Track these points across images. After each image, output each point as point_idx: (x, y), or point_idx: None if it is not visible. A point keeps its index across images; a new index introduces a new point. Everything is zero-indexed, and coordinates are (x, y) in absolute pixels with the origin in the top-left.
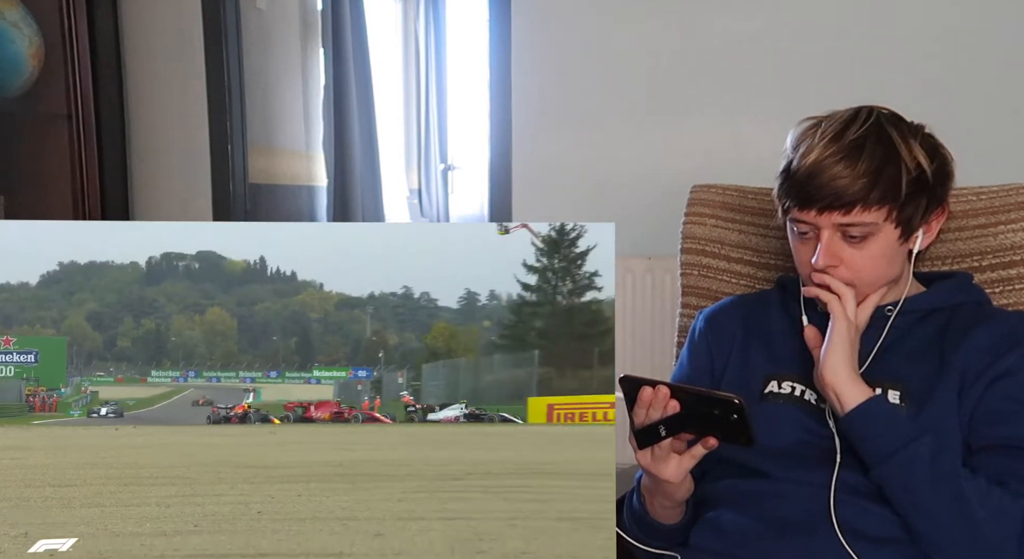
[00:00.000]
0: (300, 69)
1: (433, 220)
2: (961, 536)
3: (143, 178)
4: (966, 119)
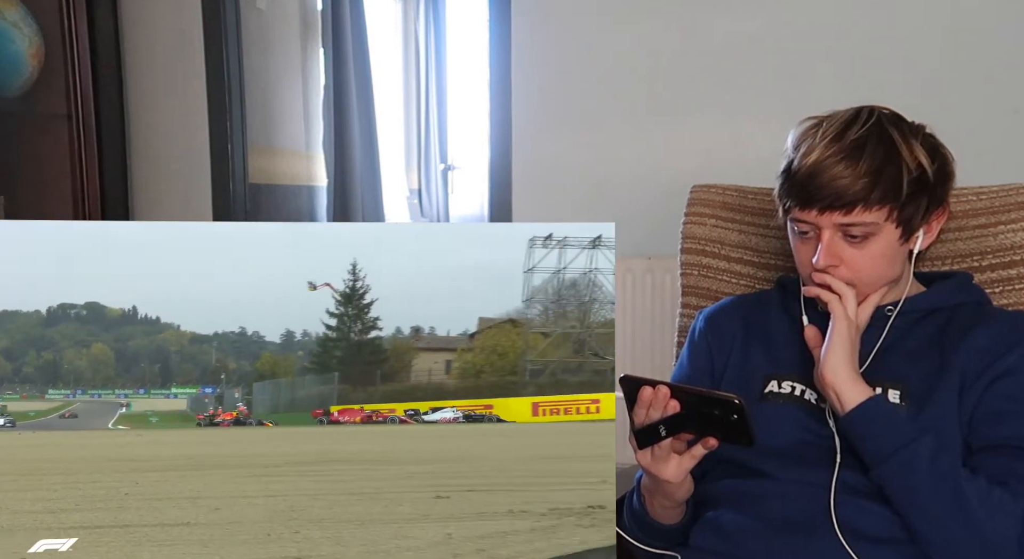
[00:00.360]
0: (300, 69)
1: (433, 220)
2: (961, 536)
3: (143, 178)
4: (966, 119)
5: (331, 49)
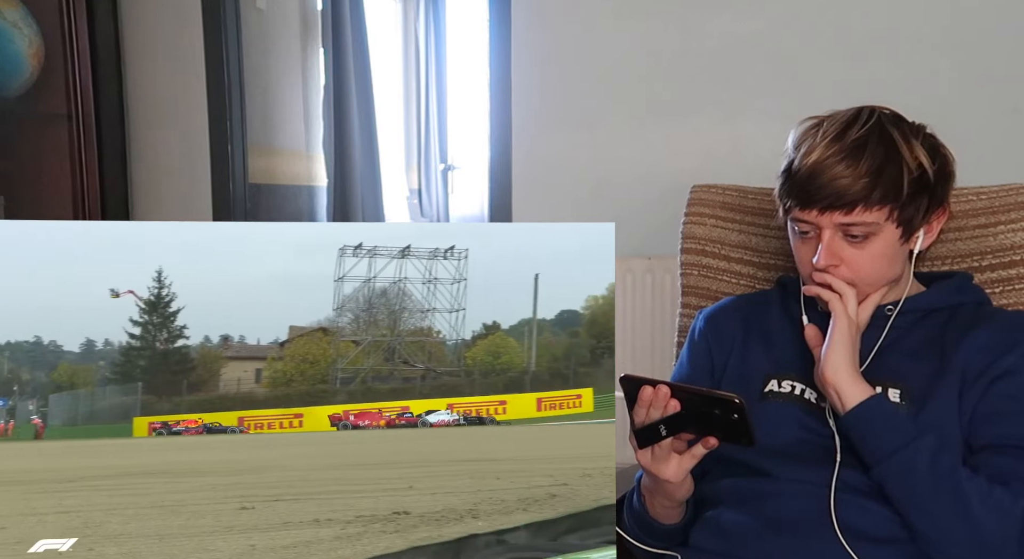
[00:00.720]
0: (300, 69)
1: (433, 220)
2: (961, 535)
3: (143, 178)
4: (966, 119)
5: (331, 49)
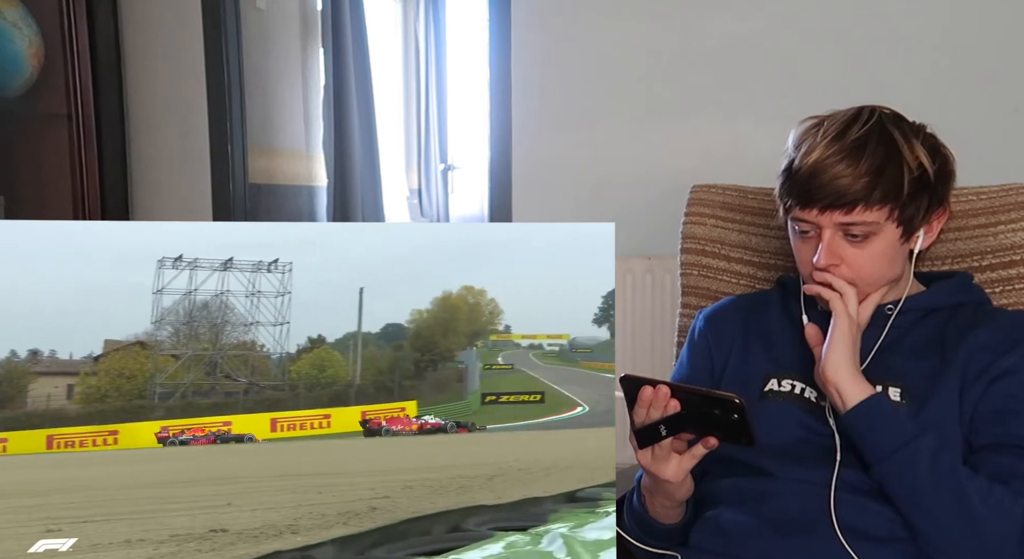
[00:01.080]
0: (300, 69)
1: (434, 220)
2: (962, 534)
3: (143, 178)
4: (966, 119)
5: (331, 49)
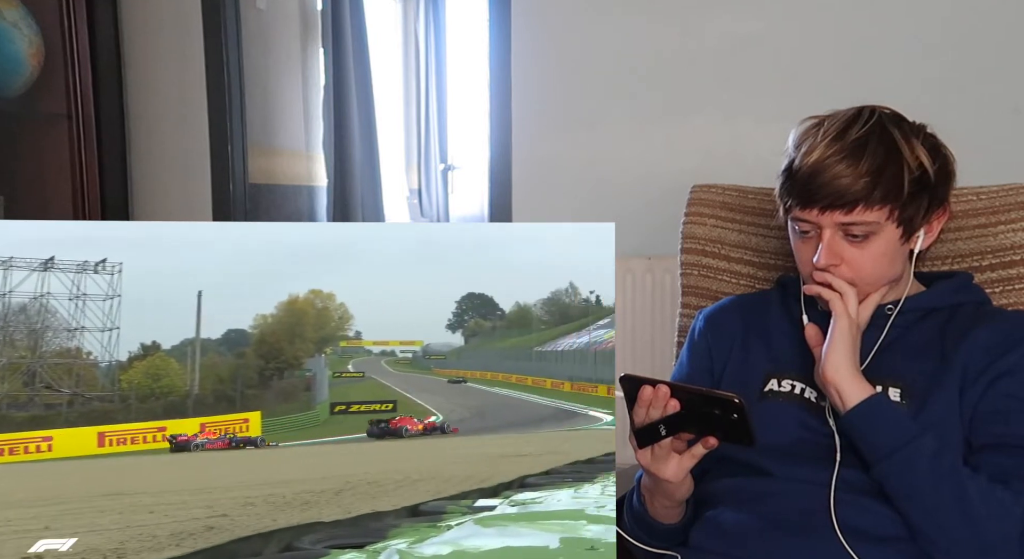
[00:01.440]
0: (300, 69)
1: (433, 220)
2: (962, 534)
3: (143, 178)
4: (966, 119)
5: (331, 49)
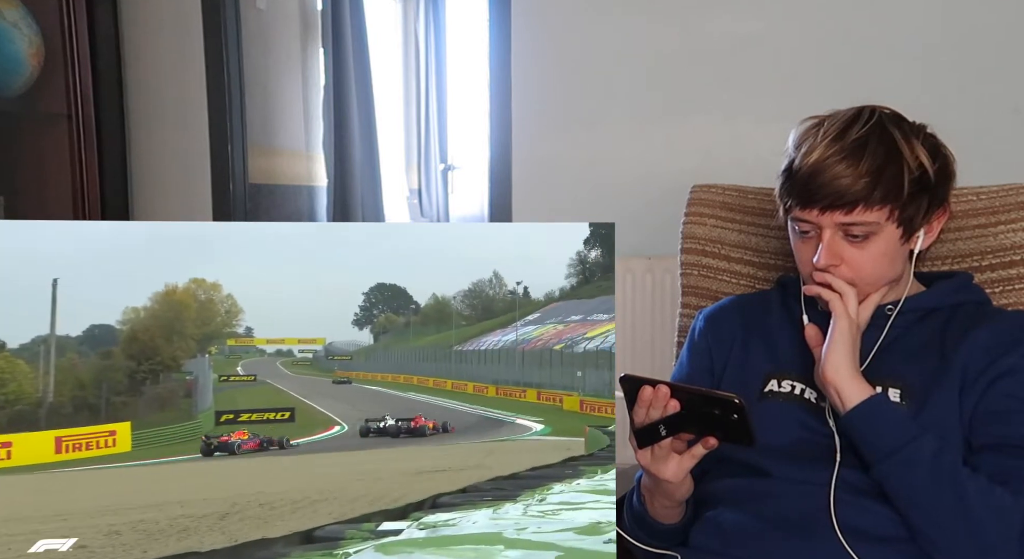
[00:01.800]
0: (300, 69)
1: (433, 220)
2: (962, 534)
3: (143, 178)
4: (966, 119)
5: (331, 49)
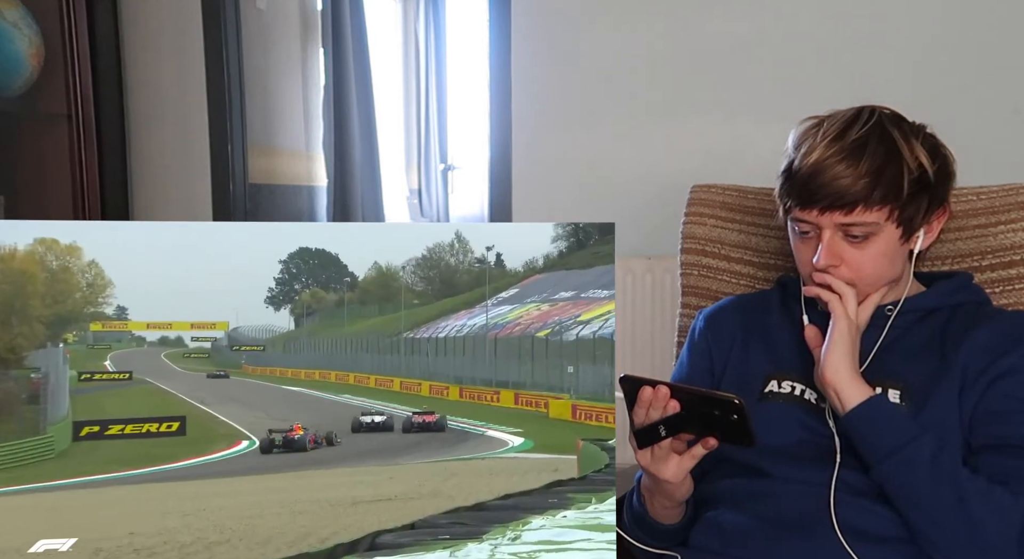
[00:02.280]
0: (300, 69)
1: (433, 220)
2: (961, 535)
3: (143, 178)
4: (966, 119)
5: (331, 49)
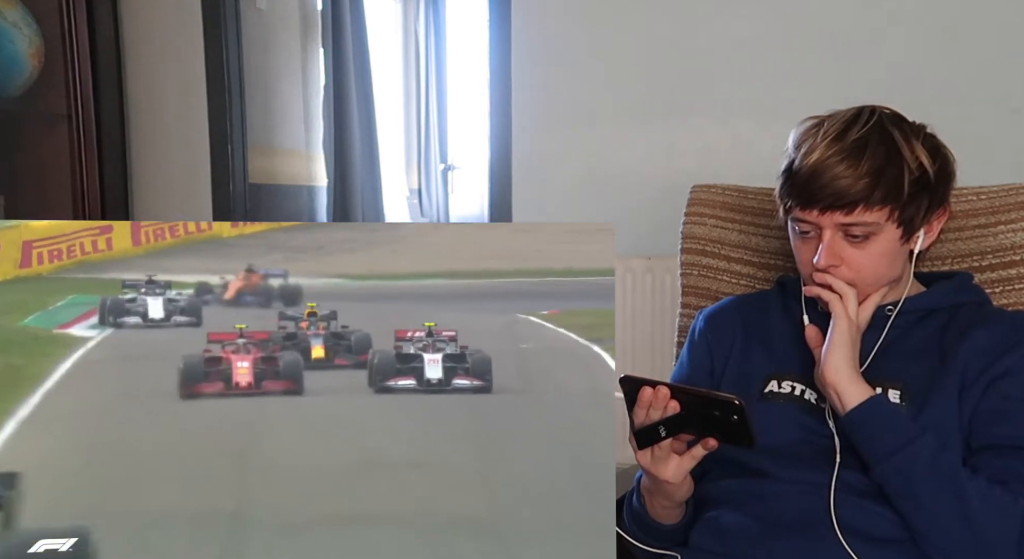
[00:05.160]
0: (300, 69)
1: (433, 220)
2: (961, 535)
3: (143, 178)
4: (966, 119)
5: (331, 49)
